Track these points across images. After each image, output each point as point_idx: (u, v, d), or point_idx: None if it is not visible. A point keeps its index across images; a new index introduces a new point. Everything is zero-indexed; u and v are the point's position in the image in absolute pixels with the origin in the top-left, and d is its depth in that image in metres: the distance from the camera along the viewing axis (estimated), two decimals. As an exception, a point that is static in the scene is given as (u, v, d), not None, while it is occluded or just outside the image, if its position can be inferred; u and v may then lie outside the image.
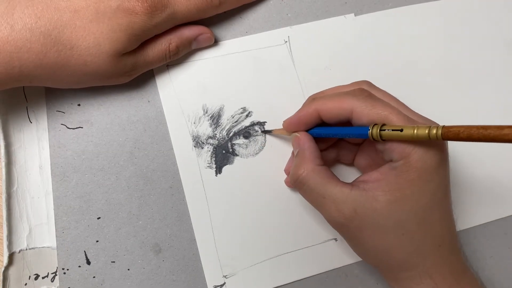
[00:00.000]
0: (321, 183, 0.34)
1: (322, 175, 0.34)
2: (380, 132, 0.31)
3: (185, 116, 0.41)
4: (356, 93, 0.34)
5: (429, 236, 0.33)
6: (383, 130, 0.31)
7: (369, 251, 0.35)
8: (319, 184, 0.34)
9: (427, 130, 0.29)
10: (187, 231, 0.41)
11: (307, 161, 0.35)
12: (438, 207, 0.33)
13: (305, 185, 0.35)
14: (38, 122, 0.41)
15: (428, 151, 0.31)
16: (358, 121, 0.33)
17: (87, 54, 0.34)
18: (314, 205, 0.35)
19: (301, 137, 0.37)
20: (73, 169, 0.40)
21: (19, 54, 0.32)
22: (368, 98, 0.33)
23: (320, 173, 0.34)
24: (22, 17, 0.32)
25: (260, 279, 0.40)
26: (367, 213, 0.32)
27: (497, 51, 0.45)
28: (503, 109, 0.45)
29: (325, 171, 0.35)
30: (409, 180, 0.32)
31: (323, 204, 0.34)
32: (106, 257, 0.40)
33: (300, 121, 0.37)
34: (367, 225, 0.33)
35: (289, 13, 0.43)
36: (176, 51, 0.39)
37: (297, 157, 0.36)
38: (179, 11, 0.37)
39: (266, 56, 0.42)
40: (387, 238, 0.33)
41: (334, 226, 0.35)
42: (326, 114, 0.35)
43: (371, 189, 0.33)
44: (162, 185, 0.41)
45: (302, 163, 0.35)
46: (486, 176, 0.44)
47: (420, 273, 0.33)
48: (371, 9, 0.44)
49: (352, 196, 0.33)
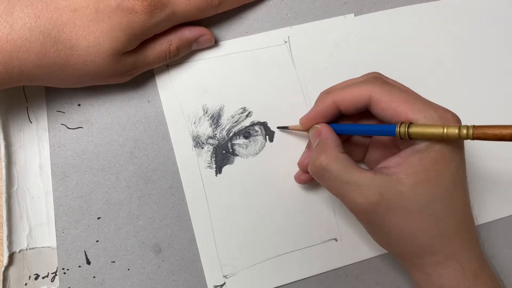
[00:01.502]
0: (344, 169, 0.33)
1: (344, 161, 0.34)
2: (408, 131, 0.31)
3: (185, 116, 0.41)
4: (371, 80, 0.34)
5: (453, 218, 0.33)
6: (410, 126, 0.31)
7: (393, 237, 0.34)
8: (342, 170, 0.33)
9: (457, 130, 0.29)
10: (187, 231, 0.41)
11: (329, 149, 0.35)
12: (461, 186, 0.33)
13: (328, 171, 0.34)
14: (38, 122, 0.41)
15: None
16: (377, 106, 0.33)
17: (87, 54, 0.34)
18: (336, 192, 0.35)
19: (322, 128, 0.36)
20: (73, 169, 0.40)
21: (18, 54, 0.32)
22: (385, 84, 0.34)
23: (343, 160, 0.34)
24: (21, 16, 0.32)
25: (260, 279, 0.40)
26: (393, 197, 0.32)
27: (497, 51, 0.45)
28: (503, 109, 0.45)
29: (347, 158, 0.34)
30: (433, 160, 0.32)
31: (347, 191, 0.33)
32: (106, 257, 0.40)
33: (318, 115, 0.37)
34: (393, 209, 0.32)
35: (289, 13, 0.43)
36: (176, 52, 0.39)
37: (317, 146, 0.36)
38: (179, 10, 0.37)
39: (266, 56, 0.42)
40: (412, 221, 0.32)
41: (358, 214, 0.34)
42: (344, 103, 0.35)
43: (395, 173, 0.32)
44: (162, 185, 0.41)
45: (324, 150, 0.35)
46: (486, 176, 0.44)
47: (446, 257, 0.33)
48: (371, 9, 0.44)
49: (376, 181, 0.32)
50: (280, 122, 0.42)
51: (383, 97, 0.33)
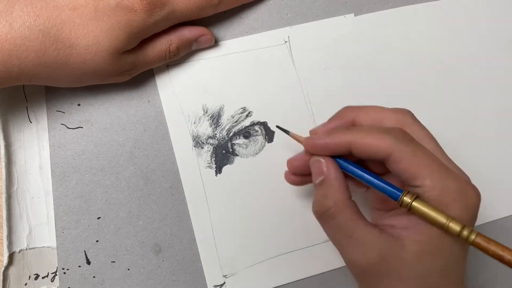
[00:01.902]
0: (351, 220, 0.31)
1: (352, 211, 0.31)
2: (411, 205, 0.30)
3: (185, 116, 0.41)
4: (398, 135, 0.31)
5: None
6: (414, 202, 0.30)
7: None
8: (349, 221, 0.31)
9: (459, 228, 0.28)
10: (187, 231, 0.40)
11: (337, 192, 0.31)
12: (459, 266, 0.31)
13: (334, 220, 0.31)
14: (38, 122, 0.41)
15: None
16: (395, 164, 0.30)
17: (86, 52, 0.34)
18: (336, 242, 0.32)
19: (327, 165, 0.33)
20: (73, 169, 0.40)
21: (18, 52, 0.33)
22: (410, 143, 0.31)
23: (350, 208, 0.31)
24: (21, 15, 0.33)
25: (260, 279, 0.40)
26: (393, 262, 0.30)
27: (497, 51, 0.45)
28: (503, 109, 0.45)
29: (355, 207, 0.32)
30: (438, 233, 0.30)
31: (348, 244, 0.31)
32: (106, 257, 0.40)
33: (327, 148, 0.33)
34: (391, 274, 0.30)
35: (289, 13, 0.43)
36: (176, 52, 0.39)
37: (321, 186, 0.32)
38: (179, 9, 0.37)
39: (266, 56, 0.42)
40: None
41: (354, 270, 0.32)
42: (359, 150, 0.31)
43: (400, 237, 0.30)
44: (162, 185, 0.41)
45: (331, 194, 0.32)
46: (486, 176, 0.44)
47: None
48: (371, 9, 0.44)
49: (380, 241, 0.30)
50: (280, 122, 0.42)
51: (405, 157, 0.30)
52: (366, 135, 0.31)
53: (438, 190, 0.29)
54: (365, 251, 0.30)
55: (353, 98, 0.43)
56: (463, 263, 0.32)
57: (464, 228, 0.28)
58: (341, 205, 0.31)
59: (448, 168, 0.30)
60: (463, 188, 0.30)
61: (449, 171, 0.30)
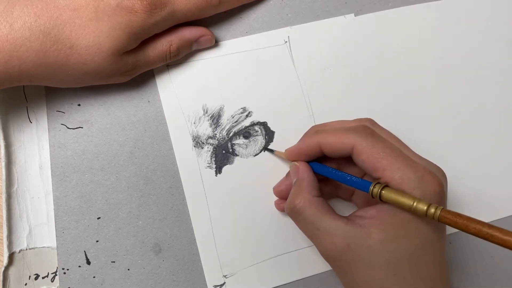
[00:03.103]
0: (316, 215, 0.34)
1: (318, 206, 0.34)
2: (381, 192, 0.32)
3: (185, 116, 0.41)
4: (358, 130, 0.34)
5: (419, 278, 0.32)
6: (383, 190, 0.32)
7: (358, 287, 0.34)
8: (314, 216, 0.34)
9: (425, 207, 0.30)
10: (187, 231, 0.41)
11: (305, 191, 0.35)
12: (431, 250, 0.33)
13: (301, 215, 0.35)
14: (38, 122, 0.41)
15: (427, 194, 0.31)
16: (358, 157, 0.33)
17: (87, 53, 0.34)
18: (308, 236, 0.35)
19: (300, 167, 0.37)
20: (73, 169, 0.40)
21: (18, 53, 0.32)
22: (370, 136, 0.34)
23: (316, 204, 0.34)
24: (21, 16, 0.32)
25: (260, 279, 0.40)
26: (360, 249, 0.32)
27: (497, 51, 0.45)
28: (504, 108, 0.45)
29: (321, 203, 0.35)
30: (404, 220, 0.32)
31: (317, 236, 0.34)
32: (106, 257, 0.40)
33: (301, 152, 0.37)
34: (359, 261, 0.32)
35: (289, 13, 0.43)
36: (176, 52, 0.39)
37: (294, 186, 0.37)
38: (179, 9, 0.37)
39: (266, 56, 0.42)
40: (378, 276, 0.32)
41: (327, 259, 0.34)
42: (327, 147, 0.35)
43: (366, 225, 0.32)
44: (162, 185, 0.41)
45: (300, 193, 0.35)
46: (486, 176, 0.44)
47: None
48: (371, 9, 0.44)
49: (346, 230, 0.32)
50: (280, 122, 0.42)
51: (365, 149, 0.33)
52: (331, 135, 0.35)
53: (398, 180, 0.32)
54: (332, 240, 0.33)
55: (353, 98, 0.43)
56: (436, 251, 0.33)
57: (430, 206, 0.29)
58: (307, 202, 0.35)
59: (408, 159, 0.32)
60: (422, 177, 0.32)
61: (408, 161, 0.32)
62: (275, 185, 0.41)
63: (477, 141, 0.44)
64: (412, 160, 0.32)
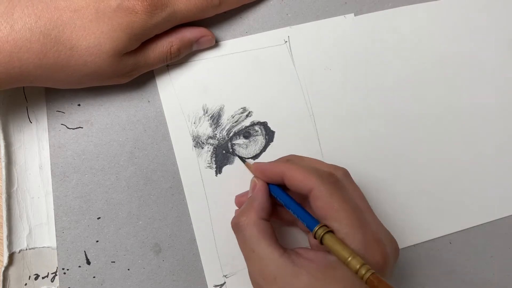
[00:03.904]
0: (255, 237, 0.33)
1: (260, 229, 0.34)
2: (323, 236, 0.31)
3: (185, 116, 0.41)
4: (324, 175, 0.34)
5: None
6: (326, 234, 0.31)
7: None
8: (253, 237, 0.33)
9: (358, 266, 0.29)
10: (187, 231, 0.41)
11: (252, 211, 0.35)
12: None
13: (241, 233, 0.34)
14: (38, 122, 0.41)
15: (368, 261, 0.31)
16: (313, 201, 0.33)
17: (87, 54, 0.34)
18: (243, 254, 0.35)
19: (257, 185, 0.37)
20: (73, 169, 0.40)
21: (19, 54, 0.32)
22: (332, 185, 0.33)
23: (259, 227, 0.34)
24: (22, 17, 0.32)
25: (260, 279, 0.40)
26: (285, 286, 0.31)
27: (498, 51, 0.45)
28: (503, 108, 0.45)
29: (265, 227, 0.34)
30: (335, 277, 0.31)
31: (250, 258, 0.33)
32: (106, 257, 0.40)
33: (264, 174, 0.37)
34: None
35: (289, 13, 0.43)
36: (177, 53, 0.39)
37: (246, 203, 0.36)
38: (179, 10, 0.37)
39: (266, 56, 0.42)
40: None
41: (252, 283, 0.34)
42: (289, 180, 0.35)
43: (299, 264, 0.32)
44: (162, 185, 0.41)
45: (248, 211, 0.35)
46: (485, 176, 0.44)
47: None
48: (371, 9, 0.44)
49: (278, 263, 0.32)
50: (280, 122, 0.42)
51: (321, 196, 0.32)
52: (297, 169, 0.34)
53: (343, 235, 0.31)
54: (261, 268, 0.32)
55: (353, 98, 0.43)
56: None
57: (363, 266, 0.29)
58: (251, 222, 0.34)
59: (362, 220, 0.32)
60: (369, 241, 0.31)
61: (361, 222, 0.32)
62: (237, 194, 0.41)
63: (477, 141, 0.44)
64: (366, 223, 0.32)
